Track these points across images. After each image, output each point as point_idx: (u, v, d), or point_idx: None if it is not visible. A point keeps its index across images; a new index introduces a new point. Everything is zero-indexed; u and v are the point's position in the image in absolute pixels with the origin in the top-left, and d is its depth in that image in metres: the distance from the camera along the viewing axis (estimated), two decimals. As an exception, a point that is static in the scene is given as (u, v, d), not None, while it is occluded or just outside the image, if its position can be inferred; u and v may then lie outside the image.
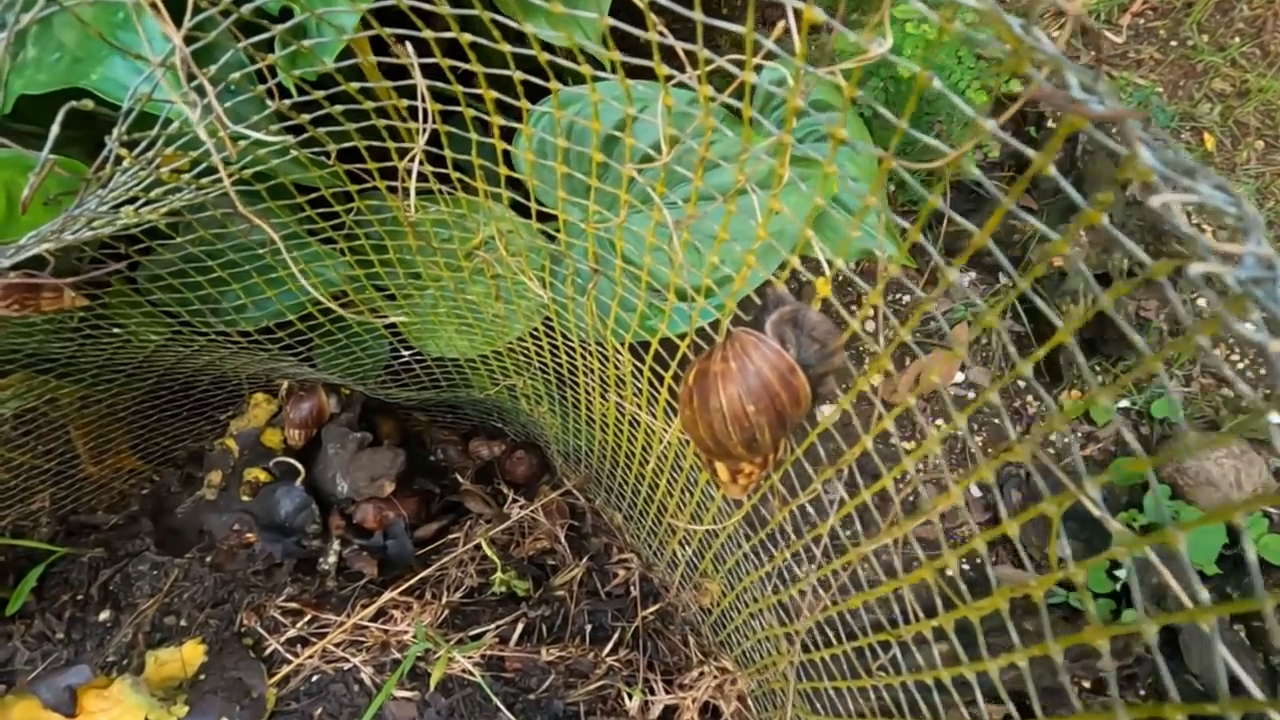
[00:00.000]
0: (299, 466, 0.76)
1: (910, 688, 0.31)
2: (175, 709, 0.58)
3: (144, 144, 0.31)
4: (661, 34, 0.24)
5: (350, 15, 0.50)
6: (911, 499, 1.12)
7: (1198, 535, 0.99)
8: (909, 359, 1.24)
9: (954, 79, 0.98)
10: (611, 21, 0.24)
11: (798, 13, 0.20)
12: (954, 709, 0.35)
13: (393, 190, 0.43)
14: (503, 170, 0.37)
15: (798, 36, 0.21)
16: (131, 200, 0.36)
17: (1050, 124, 1.33)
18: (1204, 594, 0.15)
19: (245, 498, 0.74)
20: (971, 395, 1.23)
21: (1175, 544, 0.16)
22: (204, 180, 0.38)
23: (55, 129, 0.27)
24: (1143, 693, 0.98)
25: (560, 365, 0.64)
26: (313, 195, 0.44)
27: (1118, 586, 1.00)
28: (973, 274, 1.30)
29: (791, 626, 0.44)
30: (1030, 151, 0.18)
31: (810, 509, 0.36)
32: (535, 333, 0.61)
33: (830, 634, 0.39)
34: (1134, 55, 1.46)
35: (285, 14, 0.53)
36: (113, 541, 0.77)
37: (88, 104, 0.29)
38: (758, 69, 0.25)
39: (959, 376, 1.27)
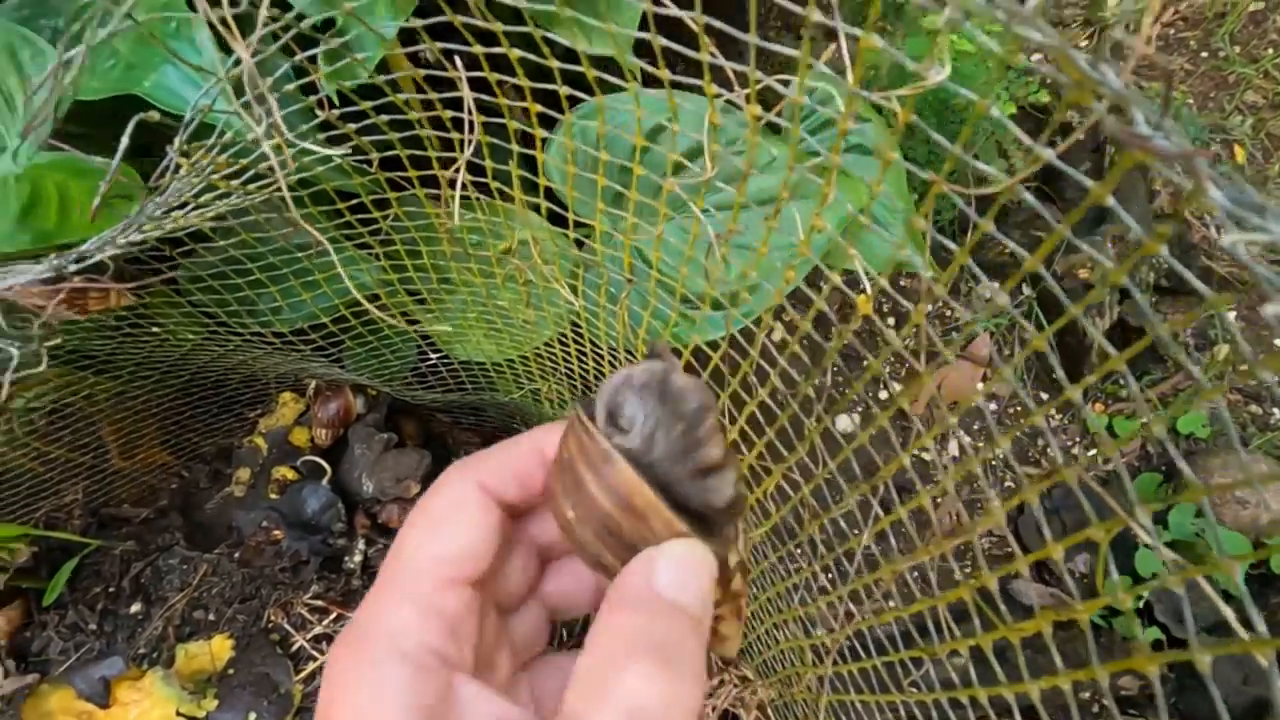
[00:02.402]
0: (325, 466, 0.78)
1: (943, 704, 0.31)
2: (205, 702, 0.59)
3: (200, 153, 0.32)
4: (713, 54, 0.25)
5: (390, 25, 0.50)
6: (952, 519, 1.11)
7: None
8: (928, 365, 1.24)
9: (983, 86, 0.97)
10: (664, 42, 0.24)
11: (854, 39, 0.20)
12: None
13: (431, 198, 0.44)
14: (543, 181, 0.38)
15: (850, 65, 0.21)
16: (182, 205, 0.37)
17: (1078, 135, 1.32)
18: (1262, 626, 0.15)
19: (273, 495, 0.76)
20: (993, 407, 1.23)
21: (1232, 573, 0.16)
22: (251, 186, 0.39)
23: (125, 141, 0.28)
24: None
25: (587, 371, 0.64)
26: (352, 201, 0.45)
27: (1139, 604, 0.99)
28: (996, 284, 1.29)
29: (818, 638, 0.44)
30: (1089, 182, 0.18)
31: (842, 523, 0.37)
32: (563, 338, 0.62)
33: (858, 645, 0.39)
34: (1162, 66, 1.44)
35: (327, 23, 0.54)
36: (143, 535, 0.79)
37: (153, 115, 0.29)
38: (807, 90, 0.25)
39: (980, 387, 1.26)
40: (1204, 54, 1.45)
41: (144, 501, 0.87)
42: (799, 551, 0.46)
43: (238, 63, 0.26)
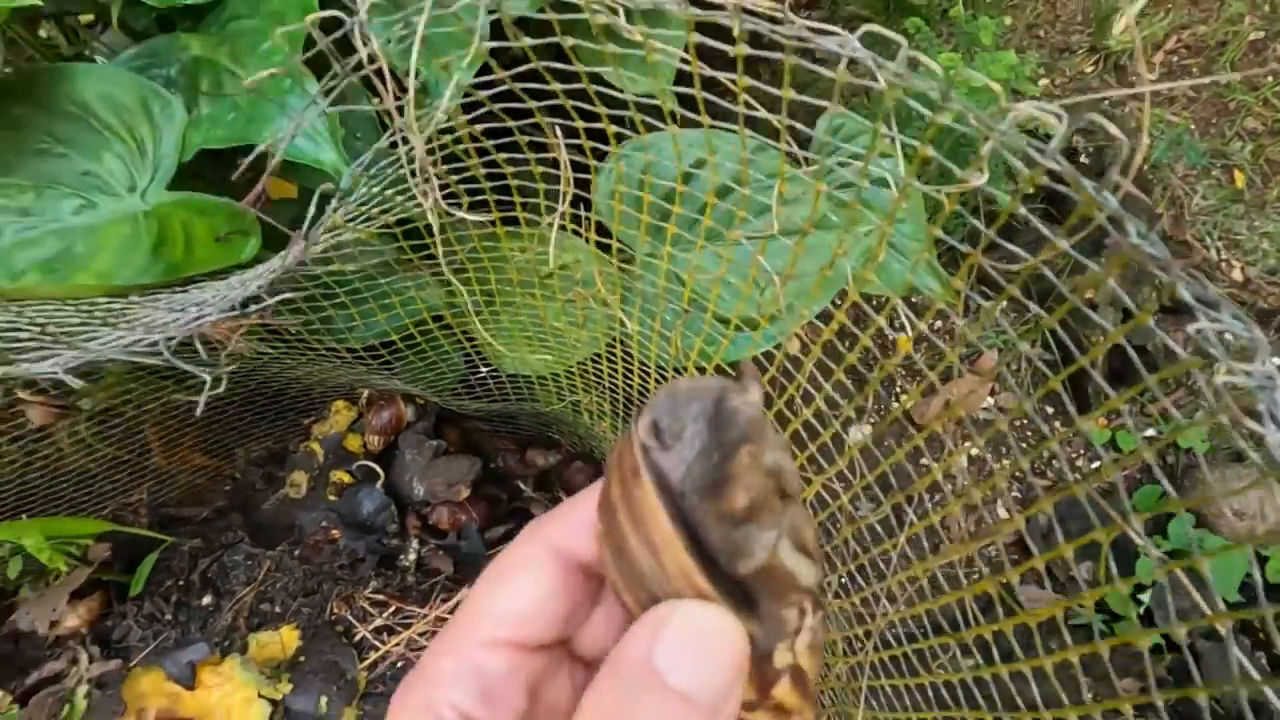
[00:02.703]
0: (379, 470, 0.83)
1: (969, 683, 0.36)
2: (280, 686, 0.65)
3: (341, 208, 0.38)
4: (789, 141, 0.30)
5: (468, 73, 0.56)
6: (963, 523, 1.16)
7: (1221, 564, 1.02)
8: (940, 383, 1.29)
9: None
10: (751, 135, 0.30)
11: (909, 147, 0.26)
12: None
13: (510, 234, 0.50)
14: (617, 227, 0.43)
15: (904, 165, 0.27)
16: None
17: (1083, 159, 1.38)
18: (1221, 604, 0.21)
19: (332, 497, 0.81)
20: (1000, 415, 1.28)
21: (1200, 567, 0.21)
22: (360, 225, 0.45)
23: (310, 213, 0.34)
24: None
25: (631, 386, 0.70)
26: (444, 235, 0.51)
27: (1141, 610, 1.04)
28: (1003, 303, 1.35)
29: (851, 630, 0.49)
30: (1095, 266, 0.23)
31: (878, 527, 0.42)
32: (611, 353, 0.67)
33: (890, 636, 0.44)
34: (1166, 92, 1.50)
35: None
36: (207, 534, 0.84)
37: (329, 187, 0.35)
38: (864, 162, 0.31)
39: (988, 400, 1.32)
40: (1205, 80, 1.51)
41: (201, 502, 0.92)
42: (833, 551, 0.51)
43: (397, 131, 0.31)
